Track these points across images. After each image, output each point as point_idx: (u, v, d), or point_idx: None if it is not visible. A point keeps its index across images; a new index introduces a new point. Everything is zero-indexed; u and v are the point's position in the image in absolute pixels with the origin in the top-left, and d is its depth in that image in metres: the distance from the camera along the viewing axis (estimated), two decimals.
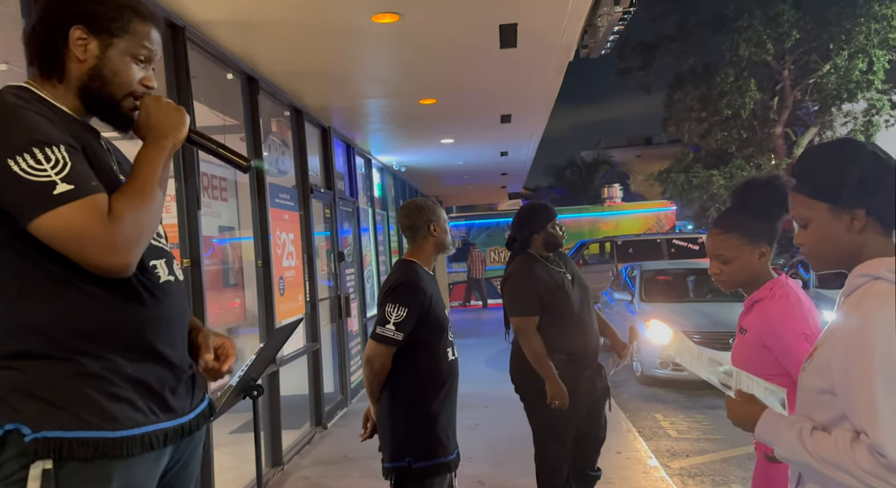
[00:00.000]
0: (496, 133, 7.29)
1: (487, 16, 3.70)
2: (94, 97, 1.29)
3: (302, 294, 5.21)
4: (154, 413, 1.24)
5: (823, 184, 1.25)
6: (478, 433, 5.06)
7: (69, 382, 1.16)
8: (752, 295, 1.89)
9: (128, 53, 1.29)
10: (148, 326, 1.26)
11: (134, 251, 1.18)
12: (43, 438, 1.13)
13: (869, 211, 1.22)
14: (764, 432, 1.28)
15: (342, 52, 4.18)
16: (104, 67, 1.28)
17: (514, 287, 3.06)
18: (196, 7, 3.30)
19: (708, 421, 5.62)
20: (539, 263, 3.07)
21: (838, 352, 1.16)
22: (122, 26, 1.28)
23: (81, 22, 1.26)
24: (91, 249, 1.14)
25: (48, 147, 1.14)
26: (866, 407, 1.09)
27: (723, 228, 1.89)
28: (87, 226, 1.13)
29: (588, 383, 3.05)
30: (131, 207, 1.18)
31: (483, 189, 14.19)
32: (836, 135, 20.22)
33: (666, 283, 8.28)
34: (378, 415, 2.50)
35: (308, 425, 5.35)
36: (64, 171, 1.13)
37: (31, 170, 1.11)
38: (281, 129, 5.30)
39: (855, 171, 1.22)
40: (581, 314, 3.05)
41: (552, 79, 5.24)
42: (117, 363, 1.21)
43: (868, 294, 1.18)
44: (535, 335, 2.97)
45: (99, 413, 1.17)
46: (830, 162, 1.26)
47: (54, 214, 1.11)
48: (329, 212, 6.28)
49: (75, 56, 1.27)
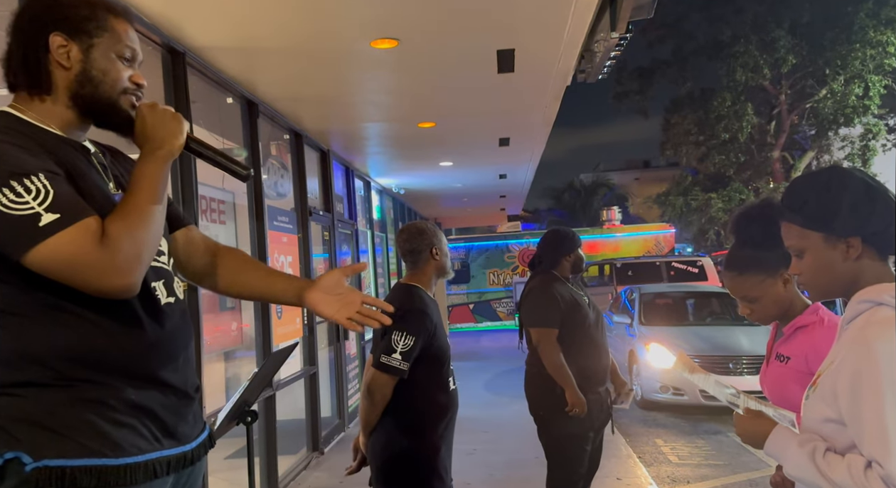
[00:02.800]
0: (495, 156, 7.33)
1: (485, 41, 3.75)
2: (89, 102, 1.25)
3: (299, 317, 5.18)
4: (158, 440, 1.21)
5: (816, 214, 1.24)
6: (475, 459, 5.00)
7: (70, 408, 1.14)
8: (795, 321, 1.79)
9: (111, 51, 1.26)
10: (149, 351, 1.23)
11: (136, 271, 1.15)
12: (44, 467, 1.10)
13: (864, 238, 1.21)
14: (774, 448, 1.26)
15: (341, 77, 4.22)
16: (91, 69, 1.24)
17: (536, 300, 3.17)
18: (196, 33, 3.34)
19: (709, 447, 5.55)
20: (559, 282, 3.21)
21: (845, 380, 1.14)
22: (100, 25, 1.25)
23: (58, 28, 1.22)
24: (89, 275, 1.11)
25: (26, 177, 1.10)
26: (878, 437, 1.07)
27: (737, 270, 1.81)
28: (81, 253, 1.10)
29: (596, 404, 3.11)
30: (127, 227, 1.15)
31: (482, 211, 14.23)
32: (834, 159, 20.37)
33: (665, 306, 8.25)
34: (372, 447, 2.39)
35: (304, 450, 5.28)
36: (47, 201, 1.10)
37: (13, 205, 1.08)
38: (280, 153, 5.33)
39: (847, 199, 1.22)
40: (595, 334, 3.17)
41: (550, 103, 5.28)
42: (119, 389, 1.18)
43: (871, 321, 1.17)
44: (555, 345, 3.06)
45: (101, 439, 1.14)
46: (821, 191, 1.26)
47: (45, 246, 1.08)
48: (328, 234, 6.28)
49: (59, 64, 1.23)
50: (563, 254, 3.22)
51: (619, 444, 5.33)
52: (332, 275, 1.39)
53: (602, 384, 3.17)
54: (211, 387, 3.87)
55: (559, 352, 3.05)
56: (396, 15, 3.27)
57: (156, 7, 3.02)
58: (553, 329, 3.09)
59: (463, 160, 7.52)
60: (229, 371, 4.51)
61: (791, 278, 1.79)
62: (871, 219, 1.21)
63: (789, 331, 1.80)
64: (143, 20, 3.06)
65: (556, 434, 3.10)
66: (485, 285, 16.58)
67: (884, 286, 1.19)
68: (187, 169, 3.41)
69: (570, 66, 4.43)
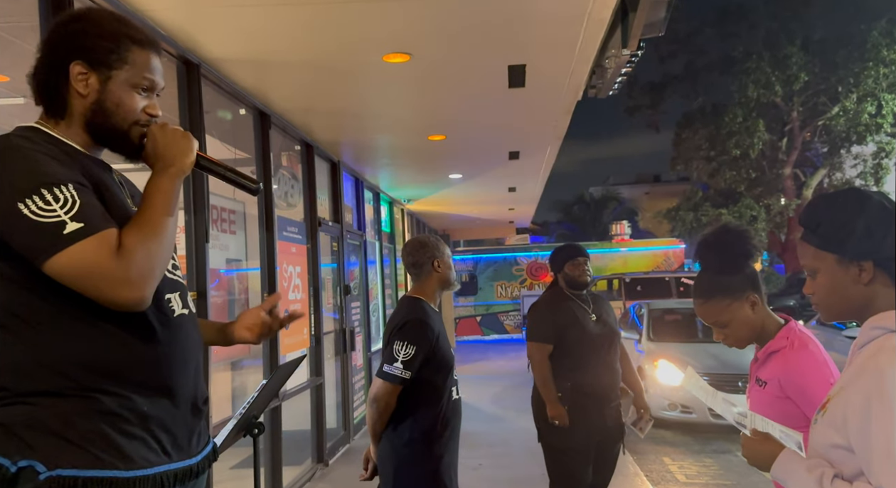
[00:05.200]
0: (504, 169, 7.34)
1: (497, 56, 3.77)
2: (100, 130, 1.29)
3: (307, 327, 5.19)
4: (167, 453, 1.23)
5: (831, 236, 1.24)
6: (481, 474, 4.96)
7: (85, 419, 1.15)
8: (767, 345, 1.81)
9: (128, 84, 1.29)
10: (163, 362, 1.25)
11: (148, 285, 1.18)
12: (58, 476, 1.11)
13: (877, 263, 1.21)
14: (781, 472, 1.25)
15: (353, 90, 4.25)
16: (106, 100, 1.28)
17: (535, 315, 3.34)
18: (211, 45, 3.38)
19: (717, 466, 5.49)
20: (565, 297, 3.29)
21: (855, 407, 1.13)
22: (120, 57, 1.28)
23: (80, 57, 1.26)
24: (104, 285, 1.14)
25: (56, 187, 1.14)
26: (886, 465, 1.05)
27: (703, 296, 1.83)
28: (98, 263, 1.13)
29: (598, 417, 3.14)
30: (141, 240, 1.17)
31: (491, 224, 14.23)
32: (846, 177, 20.25)
33: (674, 323, 8.18)
34: (379, 456, 2.46)
35: (310, 461, 5.26)
36: (73, 210, 1.13)
37: (41, 212, 1.12)
38: (291, 163, 5.36)
39: (862, 222, 1.21)
40: (597, 351, 3.19)
41: (560, 118, 5.29)
42: (133, 400, 1.20)
43: (885, 347, 1.15)
44: (544, 361, 3.20)
45: (113, 451, 1.15)
46: (837, 212, 1.25)
47: (66, 254, 1.12)
48: (336, 245, 6.30)
49: (77, 92, 1.27)
50: (556, 270, 3.34)
51: (626, 462, 5.28)
52: (251, 313, 1.58)
53: (606, 401, 3.19)
54: (218, 397, 3.87)
55: (546, 367, 3.19)
56: (409, 30, 3.30)
57: (174, 20, 3.06)
58: (545, 345, 3.21)
59: (472, 173, 7.54)
60: (236, 380, 4.52)
61: (759, 300, 1.80)
62: (885, 244, 1.20)
63: (763, 356, 1.81)
64: (159, 33, 3.11)
65: (551, 446, 3.22)
66: (492, 298, 16.55)
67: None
68: (199, 179, 3.44)
69: (580, 82, 4.45)
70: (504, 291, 16.73)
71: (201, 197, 3.47)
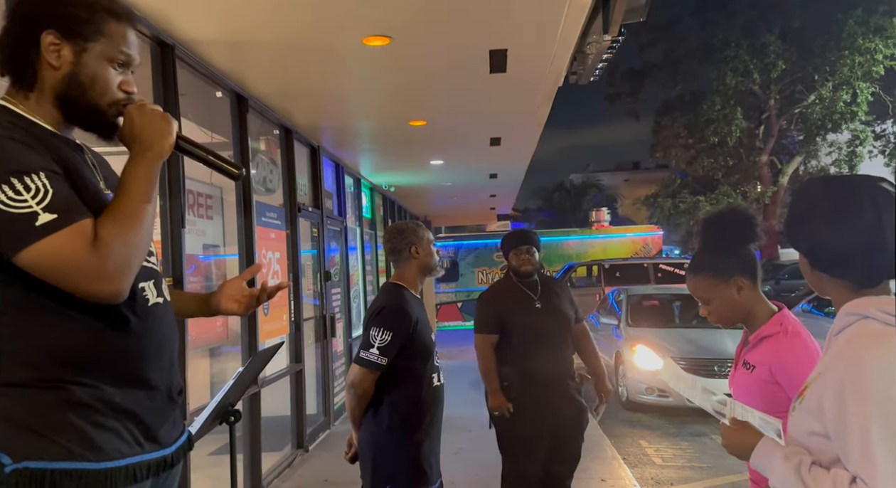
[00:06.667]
0: (485, 155, 7.33)
1: (478, 41, 3.74)
2: (74, 106, 1.22)
3: (286, 313, 5.16)
4: (139, 443, 1.20)
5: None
6: (460, 458, 5.00)
7: (54, 410, 1.12)
8: (760, 330, 1.82)
9: (104, 57, 1.23)
10: (137, 353, 1.22)
11: (126, 278, 1.14)
12: (24, 468, 1.08)
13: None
14: (760, 460, 1.26)
15: (332, 73, 4.19)
16: (80, 73, 1.21)
17: (480, 305, 3.38)
18: (186, 26, 3.30)
19: (693, 449, 5.59)
20: (510, 286, 3.29)
21: (831, 394, 1.13)
22: (97, 28, 1.21)
23: (53, 26, 1.19)
24: (79, 279, 1.10)
25: (27, 176, 1.09)
26: (863, 453, 1.06)
27: (692, 271, 1.87)
28: (73, 256, 1.08)
29: (546, 405, 3.12)
30: (119, 232, 1.13)
31: (472, 210, 14.22)
32: (822, 164, 20.56)
33: (652, 308, 8.29)
34: (360, 441, 2.46)
35: (289, 447, 5.25)
36: (45, 200, 1.08)
37: (11, 202, 1.07)
38: (269, 148, 5.29)
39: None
40: (542, 339, 3.17)
41: (541, 104, 5.28)
42: (105, 391, 1.17)
43: (859, 334, 1.16)
44: (488, 351, 3.22)
45: (83, 442, 1.13)
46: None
47: (38, 246, 1.07)
48: (316, 230, 6.25)
49: (48, 63, 1.20)
50: (506, 258, 3.33)
51: (603, 445, 5.35)
52: (233, 284, 1.55)
53: (557, 389, 3.16)
54: (196, 384, 3.83)
55: (489, 358, 3.21)
56: (389, 12, 3.26)
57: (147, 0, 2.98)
58: (487, 334, 3.23)
59: (454, 159, 7.51)
60: (214, 367, 4.48)
61: (748, 286, 1.81)
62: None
63: (755, 340, 1.83)
64: None
65: (499, 433, 3.25)
66: (473, 284, 16.58)
67: (872, 299, 1.19)
68: (174, 163, 3.38)
69: (562, 68, 4.43)
70: (485, 278, 16.76)
71: (177, 181, 3.41)
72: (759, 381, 1.78)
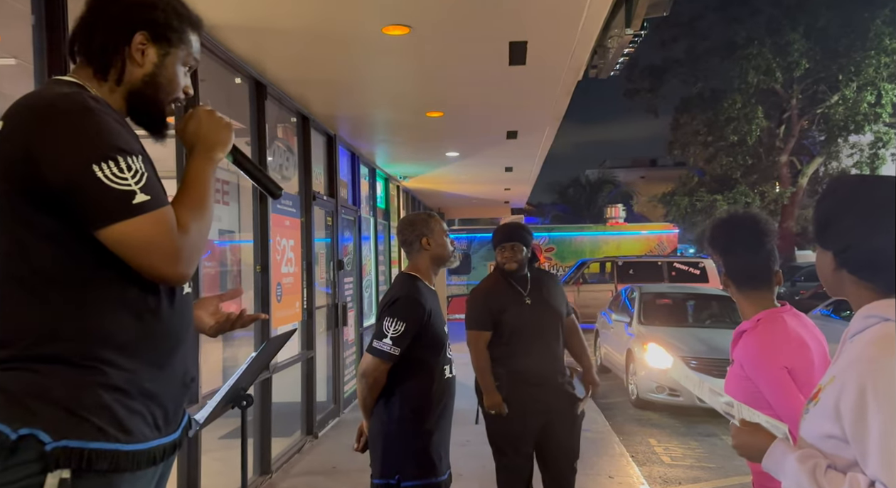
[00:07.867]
0: (501, 148, 7.30)
1: (498, 33, 3.71)
2: (144, 102, 1.32)
3: (299, 301, 5.18)
4: (159, 428, 1.25)
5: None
6: (468, 450, 5.01)
7: (90, 391, 1.16)
8: (740, 325, 1.91)
9: (181, 62, 1.34)
10: (167, 338, 1.26)
11: (195, 262, 1.22)
12: (65, 447, 1.11)
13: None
14: (772, 463, 1.24)
15: (351, 61, 4.19)
16: (160, 75, 1.31)
17: (470, 302, 3.30)
18: (207, 11, 3.27)
19: (702, 449, 5.56)
20: (502, 280, 3.24)
21: (849, 397, 1.11)
22: (181, 37, 1.33)
23: (145, 28, 1.29)
24: (158, 260, 1.16)
25: (129, 156, 1.16)
26: (882, 457, 1.04)
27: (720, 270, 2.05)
28: (158, 237, 1.16)
29: (533, 403, 3.09)
30: (195, 219, 1.22)
31: (486, 203, 14.19)
32: (842, 166, 20.27)
33: (665, 307, 8.23)
34: (370, 430, 2.47)
35: (299, 433, 5.30)
36: (142, 182, 1.16)
37: (114, 178, 1.14)
38: (286, 135, 5.30)
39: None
40: (531, 335, 3.13)
41: (560, 98, 5.24)
42: (137, 375, 1.21)
43: (880, 336, 1.14)
44: (481, 349, 3.16)
45: (116, 425, 1.16)
46: None
47: (131, 223, 1.14)
48: (331, 219, 6.27)
49: (134, 60, 1.29)
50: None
51: (612, 443, 5.34)
52: (209, 300, 1.58)
53: (546, 386, 3.12)
54: (209, 368, 3.87)
55: (483, 356, 3.15)
56: (409, 1, 3.24)
57: None
58: (482, 332, 3.16)
59: (469, 151, 7.49)
60: (227, 352, 4.52)
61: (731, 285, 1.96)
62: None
63: (735, 336, 1.92)
64: None
65: (489, 429, 3.23)
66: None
67: (893, 301, 1.17)
68: None
69: (582, 61, 4.39)
70: None
71: None
72: (736, 377, 1.85)
